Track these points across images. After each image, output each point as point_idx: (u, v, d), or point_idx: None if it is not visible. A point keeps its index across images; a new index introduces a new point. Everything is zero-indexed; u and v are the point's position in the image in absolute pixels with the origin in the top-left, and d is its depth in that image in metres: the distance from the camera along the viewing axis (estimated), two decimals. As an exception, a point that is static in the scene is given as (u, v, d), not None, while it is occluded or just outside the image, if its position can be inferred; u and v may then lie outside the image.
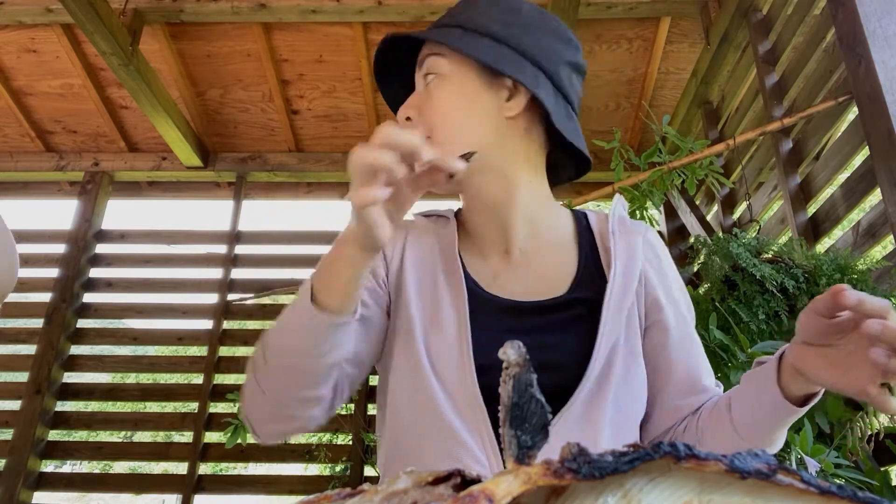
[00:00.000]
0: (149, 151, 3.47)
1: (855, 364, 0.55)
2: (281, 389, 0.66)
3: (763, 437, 0.68)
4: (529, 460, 0.23)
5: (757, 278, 1.47)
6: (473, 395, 0.68)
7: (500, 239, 0.79)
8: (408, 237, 0.82)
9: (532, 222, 0.79)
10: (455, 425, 0.67)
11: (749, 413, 0.67)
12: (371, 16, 2.77)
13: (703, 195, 3.03)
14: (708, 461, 0.22)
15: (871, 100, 1.57)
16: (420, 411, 0.70)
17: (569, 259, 0.79)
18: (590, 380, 0.69)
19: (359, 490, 0.24)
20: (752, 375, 0.69)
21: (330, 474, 2.88)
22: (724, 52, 2.56)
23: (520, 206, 0.78)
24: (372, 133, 0.54)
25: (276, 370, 0.66)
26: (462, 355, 0.70)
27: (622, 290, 0.75)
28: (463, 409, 0.68)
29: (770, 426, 0.66)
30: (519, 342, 0.26)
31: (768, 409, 0.65)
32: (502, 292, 0.76)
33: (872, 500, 0.22)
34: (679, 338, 0.78)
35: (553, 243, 0.80)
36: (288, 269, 3.40)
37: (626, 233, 0.80)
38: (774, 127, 1.94)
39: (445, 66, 0.75)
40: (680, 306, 0.79)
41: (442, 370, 0.70)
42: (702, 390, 0.77)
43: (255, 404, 0.68)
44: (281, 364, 0.65)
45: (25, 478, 2.80)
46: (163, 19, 2.79)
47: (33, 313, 3.13)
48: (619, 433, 0.70)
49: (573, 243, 0.81)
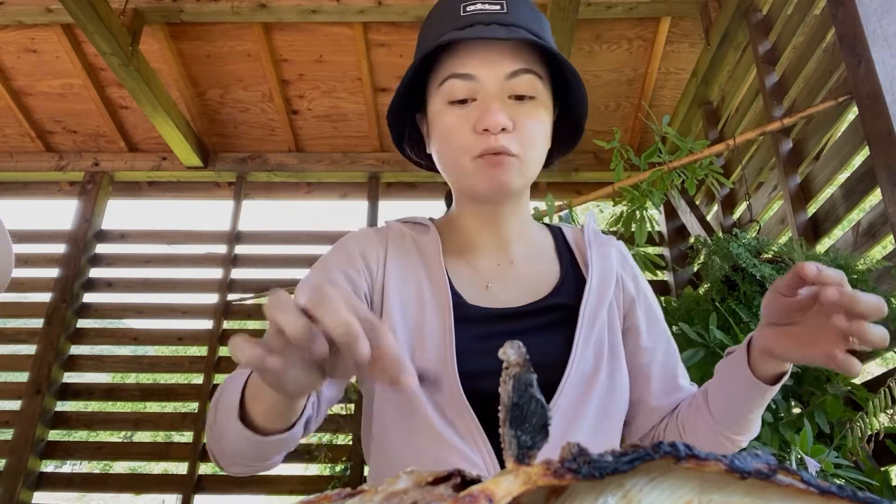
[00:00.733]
0: (149, 151, 3.48)
1: (819, 336, 0.58)
2: (226, 454, 0.62)
3: (740, 420, 0.72)
4: (529, 460, 0.23)
5: (757, 278, 1.47)
6: (461, 401, 0.68)
7: (496, 248, 0.81)
8: (388, 246, 0.81)
9: (522, 233, 0.83)
10: (447, 434, 0.67)
11: (725, 398, 0.71)
12: (371, 16, 2.77)
13: (703, 195, 3.03)
14: (708, 461, 0.22)
15: (871, 100, 1.57)
16: (410, 423, 0.70)
17: (552, 267, 0.82)
18: (571, 379, 0.71)
19: (359, 490, 0.24)
20: (724, 364, 0.74)
21: (330, 474, 2.88)
22: (724, 52, 2.56)
23: (518, 218, 0.82)
24: (371, 132, 0.53)
25: (220, 440, 0.61)
26: (446, 364, 0.70)
27: (599, 293, 0.78)
28: (453, 417, 0.69)
29: (746, 408, 0.70)
30: (519, 342, 0.26)
31: (743, 392, 0.69)
32: (490, 299, 0.77)
33: (872, 500, 0.22)
34: (655, 341, 0.82)
35: (538, 252, 0.84)
36: (288, 269, 3.40)
37: (599, 244, 0.84)
38: (774, 127, 1.94)
39: (541, 92, 0.74)
40: (654, 310, 0.84)
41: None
42: (678, 389, 0.81)
43: (217, 450, 0.64)
44: (222, 439, 0.61)
45: (25, 478, 2.80)
46: (163, 19, 2.79)
47: (33, 313, 3.13)
48: (601, 433, 0.72)
49: (554, 253, 0.85)
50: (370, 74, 3.10)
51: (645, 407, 0.80)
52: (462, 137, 0.72)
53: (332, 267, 0.78)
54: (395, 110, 0.79)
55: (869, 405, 1.34)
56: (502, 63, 0.72)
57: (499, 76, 0.71)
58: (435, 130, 0.76)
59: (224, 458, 0.63)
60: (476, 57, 0.72)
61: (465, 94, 0.72)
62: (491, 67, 0.71)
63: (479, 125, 0.70)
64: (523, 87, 0.72)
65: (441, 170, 0.80)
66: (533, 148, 0.73)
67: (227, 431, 0.59)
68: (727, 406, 0.71)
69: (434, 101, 0.76)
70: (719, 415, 0.72)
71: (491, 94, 0.71)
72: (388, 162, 3.41)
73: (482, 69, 0.72)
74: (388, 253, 0.80)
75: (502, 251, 0.81)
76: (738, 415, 0.71)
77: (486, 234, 0.81)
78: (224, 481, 3.02)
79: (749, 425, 0.72)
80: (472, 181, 0.73)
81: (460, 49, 0.73)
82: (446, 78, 0.73)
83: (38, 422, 2.89)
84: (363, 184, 3.50)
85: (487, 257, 0.81)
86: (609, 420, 0.74)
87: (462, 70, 0.72)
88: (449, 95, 0.73)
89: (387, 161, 3.42)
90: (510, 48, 0.72)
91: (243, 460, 0.63)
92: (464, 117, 0.72)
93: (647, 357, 0.80)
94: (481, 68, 0.72)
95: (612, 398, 0.74)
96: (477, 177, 0.72)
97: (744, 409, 0.70)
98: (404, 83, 0.74)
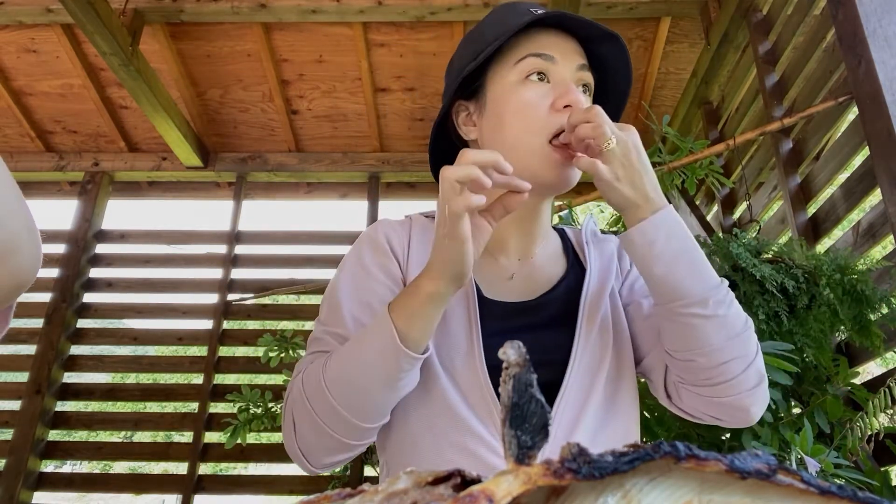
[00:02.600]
0: (149, 151, 3.48)
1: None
2: (346, 423, 0.66)
3: (656, 284, 0.69)
4: (529, 460, 0.23)
5: (757, 278, 1.46)
6: (486, 389, 0.70)
7: (522, 244, 0.82)
8: (412, 237, 0.82)
9: (546, 231, 0.85)
10: (471, 421, 0.69)
11: (644, 270, 0.70)
12: (371, 16, 2.77)
13: (703, 195, 3.03)
14: (708, 461, 0.22)
15: (871, 100, 1.57)
16: (433, 409, 0.71)
17: (561, 263, 0.85)
18: (576, 369, 0.72)
19: (359, 490, 0.24)
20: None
21: (330, 474, 2.87)
22: (724, 52, 2.56)
23: (546, 216, 0.84)
24: (371, 132, 0.55)
25: (345, 405, 0.65)
26: (473, 353, 0.71)
27: (599, 283, 0.81)
28: (476, 402, 0.70)
29: (646, 269, 0.69)
30: (519, 342, 0.27)
31: (634, 256, 0.70)
32: (509, 295, 0.79)
33: (872, 500, 0.22)
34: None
35: (552, 250, 0.86)
36: (288, 269, 3.40)
37: (598, 242, 0.88)
38: (774, 127, 1.94)
39: (592, 85, 0.79)
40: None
41: (452, 368, 0.72)
42: None
43: (308, 440, 0.68)
44: (351, 400, 0.65)
45: (25, 478, 2.80)
46: (163, 19, 2.79)
47: (33, 313, 3.13)
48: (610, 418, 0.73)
49: (562, 253, 0.87)
50: (370, 74, 3.10)
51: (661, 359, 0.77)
52: (539, 113, 0.73)
53: (366, 257, 0.79)
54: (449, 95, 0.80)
55: (869, 405, 1.34)
56: (574, 54, 0.77)
57: (572, 64, 0.76)
58: (505, 107, 0.75)
59: (325, 442, 0.67)
60: (554, 43, 0.76)
61: (544, 72, 0.75)
62: (567, 55, 0.76)
63: (562, 100, 0.73)
64: (587, 79, 0.77)
65: (494, 150, 0.79)
66: None
67: (370, 358, 0.64)
68: (651, 276, 0.69)
69: (506, 78, 0.76)
70: (655, 294, 0.70)
71: (568, 77, 0.75)
72: (388, 162, 3.42)
73: (560, 54, 0.75)
74: (411, 244, 0.81)
75: (527, 247, 0.82)
76: (651, 282, 0.69)
77: (515, 228, 0.81)
78: (224, 481, 3.03)
79: (671, 284, 0.67)
80: (536, 165, 0.73)
81: (538, 35, 0.76)
82: (525, 56, 0.75)
83: (38, 422, 2.89)
84: (363, 184, 3.50)
85: (510, 253, 0.82)
86: (617, 407, 0.74)
87: (542, 51, 0.75)
88: (528, 72, 0.75)
89: (387, 161, 3.42)
90: (577, 46, 0.77)
91: (371, 414, 0.66)
92: (542, 95, 0.74)
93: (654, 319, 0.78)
94: (559, 54, 0.75)
95: (620, 384, 0.75)
96: (547, 163, 0.73)
97: (645, 271, 0.69)
98: (479, 61, 0.75)
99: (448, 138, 0.87)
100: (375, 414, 0.67)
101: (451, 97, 0.81)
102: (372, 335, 0.65)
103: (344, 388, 0.65)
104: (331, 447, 0.68)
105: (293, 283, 3.20)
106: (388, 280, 0.77)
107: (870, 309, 1.43)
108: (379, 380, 0.64)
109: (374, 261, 0.79)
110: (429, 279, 0.63)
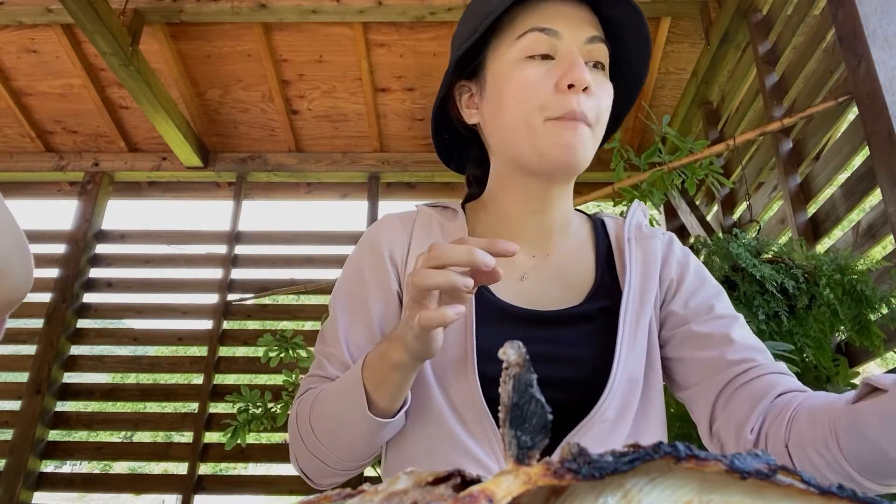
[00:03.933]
0: (149, 151, 3.48)
1: None
2: (335, 461, 0.67)
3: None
4: (529, 460, 0.23)
5: (757, 279, 1.47)
6: (479, 406, 0.66)
7: (537, 237, 0.75)
8: (414, 232, 0.77)
9: (565, 223, 0.77)
10: (463, 438, 0.66)
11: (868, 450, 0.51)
12: (371, 16, 2.77)
13: (703, 195, 3.03)
14: (708, 461, 0.22)
15: (871, 100, 1.57)
16: (426, 423, 0.68)
17: (588, 266, 0.76)
18: (613, 393, 0.66)
19: (359, 490, 0.24)
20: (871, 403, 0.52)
21: (330, 474, 2.88)
22: (724, 52, 2.56)
23: (563, 205, 0.75)
24: (371, 132, 0.54)
25: (332, 448, 0.66)
26: (466, 365, 0.67)
27: (640, 298, 0.71)
28: (469, 420, 0.66)
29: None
30: (519, 342, 0.26)
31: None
32: (521, 296, 0.72)
33: (872, 501, 0.22)
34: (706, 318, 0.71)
35: (575, 247, 0.77)
36: (288, 269, 3.40)
37: (643, 239, 0.77)
38: (774, 127, 1.94)
39: (606, 60, 0.71)
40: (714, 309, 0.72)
41: (445, 380, 0.68)
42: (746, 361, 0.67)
43: (306, 464, 0.69)
44: (335, 445, 0.66)
45: (25, 478, 2.80)
46: (163, 19, 2.79)
47: (33, 313, 3.13)
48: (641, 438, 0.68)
49: (592, 249, 0.78)
50: (370, 74, 3.10)
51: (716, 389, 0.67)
52: (541, 93, 0.66)
53: (364, 271, 0.76)
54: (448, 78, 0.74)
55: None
56: (583, 26, 0.69)
57: (580, 38, 0.68)
58: (505, 86, 0.69)
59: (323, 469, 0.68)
60: (560, 15, 0.68)
61: (548, 49, 0.68)
62: (574, 28, 0.68)
63: (565, 80, 0.65)
64: (599, 54, 0.69)
65: (496, 134, 0.73)
66: (603, 122, 0.70)
67: (350, 433, 0.64)
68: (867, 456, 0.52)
69: (506, 55, 0.69)
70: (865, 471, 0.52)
71: (574, 53, 0.67)
72: (388, 162, 3.42)
73: (566, 27, 0.68)
74: (412, 240, 0.76)
75: (542, 241, 0.75)
76: (881, 457, 0.51)
77: (526, 220, 0.74)
78: (224, 481, 3.02)
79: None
80: (542, 144, 0.67)
81: (543, 6, 0.69)
82: (526, 31, 0.68)
83: (38, 422, 2.89)
84: (363, 184, 3.50)
85: (524, 247, 0.74)
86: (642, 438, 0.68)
87: (546, 25, 0.68)
88: (530, 49, 0.68)
89: (387, 161, 3.42)
90: (588, 15, 0.70)
91: (356, 459, 0.67)
92: (545, 73, 0.67)
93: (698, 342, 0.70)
94: (565, 27, 0.68)
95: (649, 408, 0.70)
96: (549, 138, 0.66)
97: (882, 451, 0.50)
98: (474, 38, 0.69)
99: (451, 125, 0.80)
100: (363, 457, 0.68)
101: (450, 76, 0.74)
102: (345, 394, 0.64)
103: (328, 436, 0.66)
104: (327, 473, 0.69)
105: (293, 284, 3.20)
106: (384, 295, 0.74)
107: (870, 309, 1.43)
108: (356, 435, 0.64)
109: (370, 274, 0.75)
110: (394, 349, 0.60)
